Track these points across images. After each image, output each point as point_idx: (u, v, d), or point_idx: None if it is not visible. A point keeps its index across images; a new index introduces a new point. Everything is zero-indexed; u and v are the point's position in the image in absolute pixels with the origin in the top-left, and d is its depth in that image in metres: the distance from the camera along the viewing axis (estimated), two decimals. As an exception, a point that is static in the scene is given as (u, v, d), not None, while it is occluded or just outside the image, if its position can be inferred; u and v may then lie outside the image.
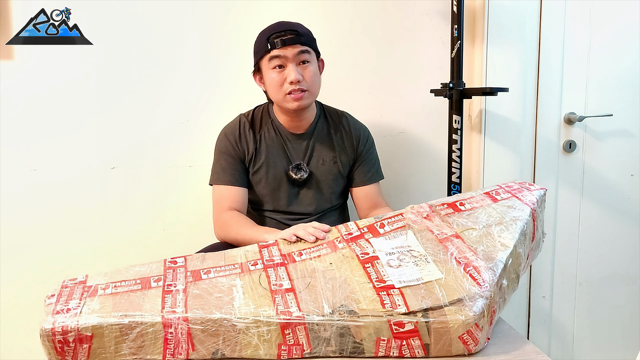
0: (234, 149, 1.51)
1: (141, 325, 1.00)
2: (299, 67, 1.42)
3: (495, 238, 1.19)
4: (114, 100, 1.72)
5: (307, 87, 1.43)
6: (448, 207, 1.29)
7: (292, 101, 1.43)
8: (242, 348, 1.02)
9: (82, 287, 1.09)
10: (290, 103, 1.43)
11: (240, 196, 1.50)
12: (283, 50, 1.40)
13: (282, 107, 1.47)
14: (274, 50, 1.40)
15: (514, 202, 1.28)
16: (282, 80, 1.42)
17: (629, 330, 2.14)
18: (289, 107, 1.45)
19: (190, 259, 1.20)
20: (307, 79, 1.43)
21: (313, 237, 1.24)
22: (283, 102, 1.44)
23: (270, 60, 1.41)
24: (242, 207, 1.50)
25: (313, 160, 1.54)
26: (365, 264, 1.14)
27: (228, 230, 1.44)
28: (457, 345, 1.04)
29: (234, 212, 1.47)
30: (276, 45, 1.39)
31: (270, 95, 1.48)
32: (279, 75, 1.41)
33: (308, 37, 1.45)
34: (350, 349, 1.04)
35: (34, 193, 1.69)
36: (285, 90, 1.42)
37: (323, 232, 1.25)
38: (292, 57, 1.40)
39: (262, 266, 1.16)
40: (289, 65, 1.41)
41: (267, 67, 1.43)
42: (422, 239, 1.20)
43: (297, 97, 1.42)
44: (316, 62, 1.48)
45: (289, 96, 1.42)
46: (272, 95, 1.47)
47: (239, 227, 1.41)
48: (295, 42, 1.40)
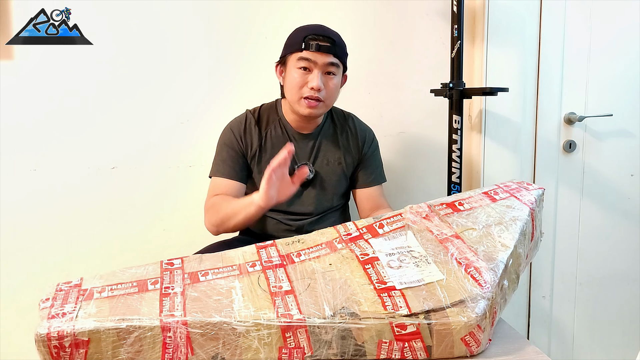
0: (238, 143, 1.49)
1: (139, 329, 0.98)
2: (324, 76, 1.41)
3: (496, 238, 1.18)
4: (114, 100, 1.71)
5: (324, 97, 1.42)
6: (447, 207, 1.28)
7: (306, 107, 1.42)
8: (243, 352, 1.01)
9: (78, 290, 1.07)
10: (303, 108, 1.42)
11: (236, 189, 1.48)
12: (314, 55, 1.38)
13: (294, 109, 1.46)
14: (306, 51, 1.38)
15: (512, 201, 1.28)
16: (303, 83, 1.40)
17: (629, 330, 2.14)
18: (301, 112, 1.44)
19: (187, 261, 1.18)
20: (328, 91, 1.42)
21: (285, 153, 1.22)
22: (297, 104, 1.43)
23: (299, 60, 1.40)
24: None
25: (318, 161, 1.53)
26: (365, 265, 1.14)
27: (218, 210, 1.40)
28: (459, 347, 1.04)
29: (221, 195, 1.44)
30: (310, 48, 1.38)
31: (286, 93, 1.46)
32: (302, 77, 1.40)
33: (342, 50, 1.44)
34: (351, 351, 1.03)
35: (34, 193, 1.69)
36: (302, 94, 1.41)
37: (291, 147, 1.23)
38: (321, 65, 1.39)
39: (260, 267, 1.15)
40: (315, 70, 1.39)
41: (293, 64, 1.41)
42: (422, 240, 1.20)
43: (311, 104, 1.41)
44: (340, 76, 1.47)
45: (304, 101, 1.41)
46: (288, 94, 1.45)
47: (227, 203, 1.39)
48: (329, 51, 1.39)
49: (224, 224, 1.41)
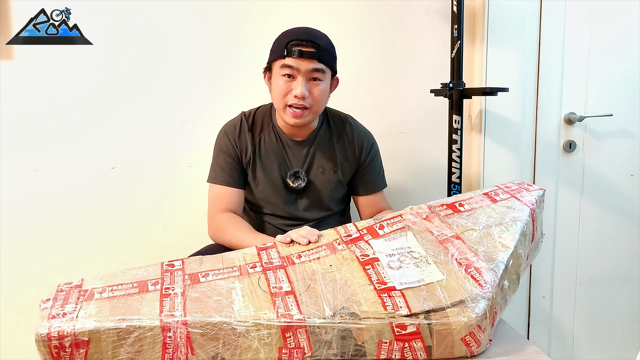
0: (233, 148, 1.48)
1: (139, 329, 0.98)
2: (308, 82, 1.35)
3: (496, 239, 1.19)
4: (113, 100, 1.71)
5: (310, 104, 1.37)
6: (447, 208, 1.28)
7: (291, 117, 1.38)
8: (243, 352, 1.01)
9: (78, 291, 1.07)
10: (288, 117, 1.39)
11: (237, 197, 1.48)
12: (297, 62, 1.33)
13: (281, 117, 1.44)
14: (288, 58, 1.33)
15: (513, 202, 1.28)
16: (287, 90, 1.35)
17: (629, 330, 2.14)
18: (287, 121, 1.40)
19: (188, 262, 1.18)
20: (313, 97, 1.37)
21: (306, 240, 1.23)
22: (282, 112, 1.40)
23: (282, 67, 1.34)
24: (237, 209, 1.48)
25: (313, 169, 1.50)
26: (365, 265, 1.14)
27: (224, 232, 1.42)
28: (459, 347, 1.04)
29: (230, 214, 1.45)
30: (292, 54, 1.32)
31: (273, 101, 1.43)
32: (286, 84, 1.35)
33: (328, 54, 1.37)
34: (351, 351, 1.03)
35: (34, 193, 1.69)
36: (287, 102, 1.36)
37: (315, 236, 1.25)
38: (304, 72, 1.34)
39: (260, 269, 1.15)
40: (299, 78, 1.34)
41: (277, 71, 1.37)
42: (422, 240, 1.20)
43: (296, 114, 1.37)
44: (329, 81, 1.41)
45: (289, 109, 1.37)
46: (274, 102, 1.42)
47: (235, 231, 1.39)
48: (312, 57, 1.33)
49: (224, 244, 1.42)
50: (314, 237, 1.25)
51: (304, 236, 1.24)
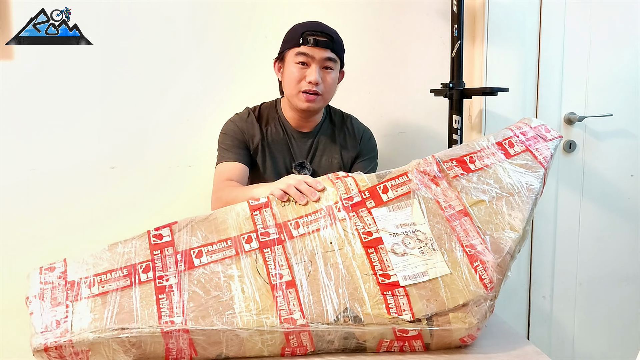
0: (241, 134, 1.50)
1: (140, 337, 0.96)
2: (321, 70, 1.43)
3: (505, 217, 1.13)
4: (113, 100, 1.71)
5: (322, 91, 1.44)
6: (457, 165, 1.20)
7: (304, 101, 1.44)
8: (247, 351, 1.01)
9: (65, 284, 1.03)
10: (301, 102, 1.44)
11: (241, 172, 1.46)
12: (312, 50, 1.41)
13: (292, 104, 1.47)
14: (303, 46, 1.41)
15: (527, 158, 1.21)
16: (301, 77, 1.43)
17: (629, 330, 2.14)
18: (299, 106, 1.45)
19: (178, 233, 1.11)
20: (326, 84, 1.45)
21: (304, 199, 1.18)
22: (295, 98, 1.45)
23: (297, 55, 1.42)
24: (242, 182, 1.46)
25: (316, 159, 1.55)
26: (368, 248, 1.09)
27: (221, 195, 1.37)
28: (455, 342, 1.06)
29: (233, 181, 1.43)
30: (308, 43, 1.41)
31: (284, 88, 1.48)
32: (300, 71, 1.42)
33: (339, 46, 1.47)
34: (352, 347, 1.04)
35: (34, 193, 1.69)
36: (300, 88, 1.43)
37: (317, 193, 1.18)
38: (319, 60, 1.42)
39: (257, 244, 1.09)
40: (313, 65, 1.42)
41: (291, 59, 1.44)
42: (428, 213, 1.14)
43: (309, 98, 1.43)
44: (338, 71, 1.50)
45: (302, 94, 1.43)
46: (287, 89, 1.47)
47: (232, 189, 1.37)
48: (327, 46, 1.42)
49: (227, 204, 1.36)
50: (315, 197, 1.18)
51: (304, 193, 1.18)
